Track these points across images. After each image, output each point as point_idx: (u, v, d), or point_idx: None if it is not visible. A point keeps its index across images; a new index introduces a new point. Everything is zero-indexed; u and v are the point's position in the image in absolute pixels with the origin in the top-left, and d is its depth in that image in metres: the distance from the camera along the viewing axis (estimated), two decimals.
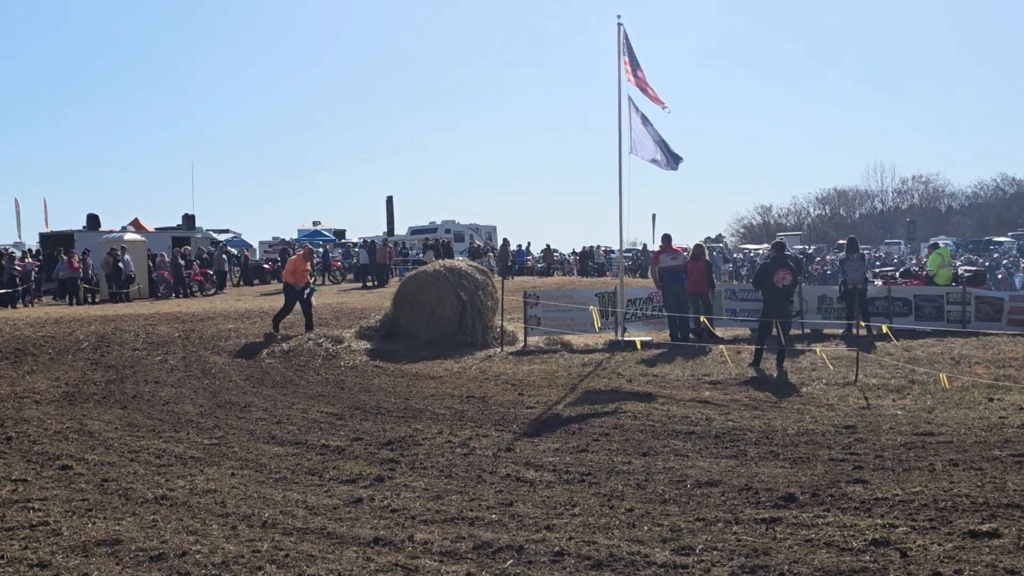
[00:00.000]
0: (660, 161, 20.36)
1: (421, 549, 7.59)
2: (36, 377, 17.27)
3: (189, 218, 51.34)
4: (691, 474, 9.86)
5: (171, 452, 11.48)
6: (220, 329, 23.22)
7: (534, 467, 10.40)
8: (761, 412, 13.28)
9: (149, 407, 14.58)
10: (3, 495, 9.46)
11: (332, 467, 10.58)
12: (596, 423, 12.75)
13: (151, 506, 9.05)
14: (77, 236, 42.25)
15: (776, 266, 17.87)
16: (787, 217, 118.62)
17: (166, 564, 7.28)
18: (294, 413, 13.89)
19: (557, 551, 7.41)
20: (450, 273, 21.95)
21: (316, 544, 7.78)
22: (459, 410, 13.94)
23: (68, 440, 12.23)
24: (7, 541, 7.92)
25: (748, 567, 6.95)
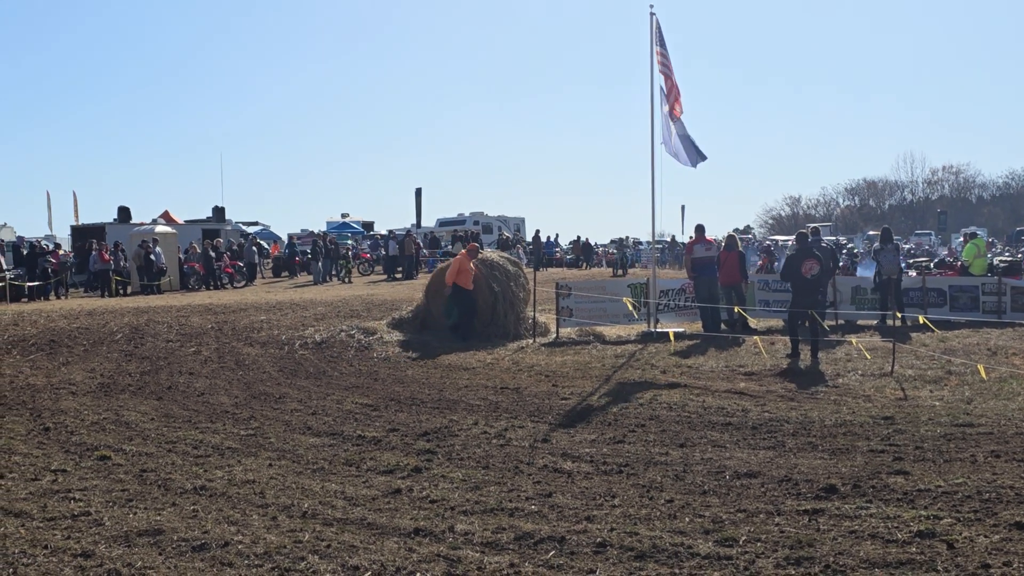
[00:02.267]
0: (680, 157, 20.29)
1: (462, 540, 7.57)
2: (71, 368, 17.36)
3: (219, 210, 51.52)
4: (730, 465, 9.81)
5: (208, 443, 11.52)
6: (252, 321, 23.31)
7: (571, 458, 10.37)
8: (797, 403, 13.20)
9: (184, 398, 14.62)
10: (44, 485, 9.50)
11: (369, 458, 10.58)
12: (632, 414, 12.70)
13: (191, 496, 9.08)
14: (108, 229, 42.50)
15: (803, 257, 17.76)
16: (816, 208, 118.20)
17: (208, 554, 7.29)
18: (329, 404, 13.90)
19: (599, 542, 7.38)
20: (481, 264, 21.92)
21: (357, 535, 7.78)
22: (494, 401, 13.92)
23: (105, 431, 12.28)
24: (50, 531, 7.96)
25: (793, 559, 6.90)
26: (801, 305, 17.38)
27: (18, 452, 11.04)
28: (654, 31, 20.19)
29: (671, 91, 20.20)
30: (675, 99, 20.19)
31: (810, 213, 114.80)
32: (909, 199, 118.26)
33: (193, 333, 21.27)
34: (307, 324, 22.88)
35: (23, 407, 13.83)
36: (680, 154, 20.27)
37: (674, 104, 20.15)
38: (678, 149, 20.26)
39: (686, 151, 20.31)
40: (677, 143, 20.23)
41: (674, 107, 20.21)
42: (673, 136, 20.21)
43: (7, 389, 15.27)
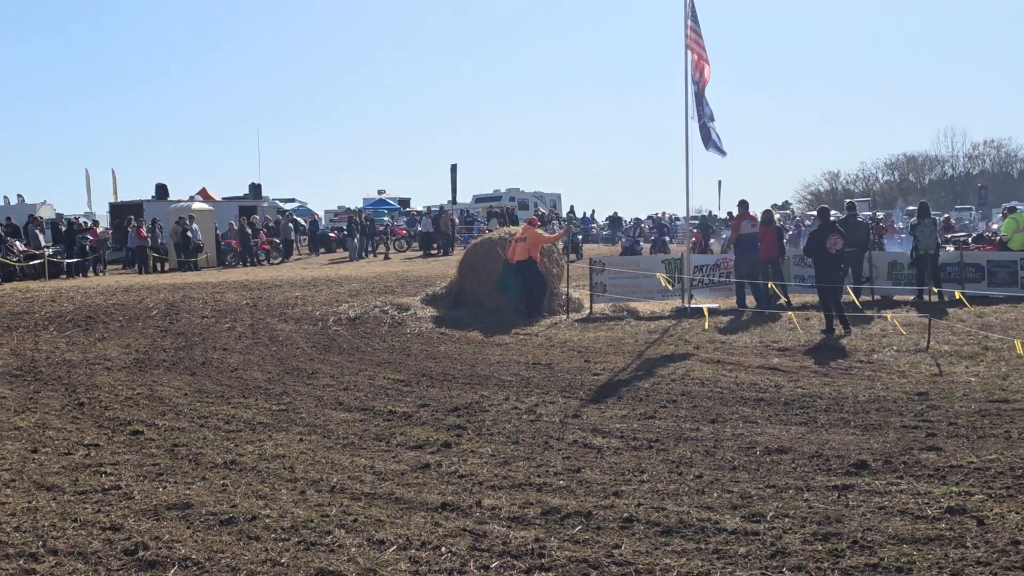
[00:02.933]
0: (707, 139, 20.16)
1: (489, 514, 7.57)
2: (107, 344, 17.49)
3: (256, 187, 51.71)
4: (760, 441, 9.75)
5: (240, 418, 11.57)
6: (287, 297, 23.42)
7: (601, 433, 10.34)
8: (831, 379, 13.10)
9: (218, 373, 14.70)
10: (76, 459, 9.58)
11: (399, 433, 10.60)
12: (663, 390, 12.65)
13: (221, 471, 9.13)
14: (146, 206, 42.76)
15: (827, 232, 17.62)
16: (855, 183, 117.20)
17: (236, 528, 7.33)
18: (361, 379, 13.93)
19: (626, 517, 7.35)
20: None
21: (384, 509, 7.79)
22: (525, 377, 13.90)
23: (139, 406, 12.37)
24: (81, 504, 8.02)
25: (820, 534, 6.85)
26: (827, 280, 17.26)
27: (52, 427, 11.14)
28: (687, 5, 20.02)
29: (697, 66, 20.02)
30: (702, 73, 20.00)
31: (849, 188, 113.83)
32: (950, 174, 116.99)
33: (228, 309, 21.40)
34: (341, 300, 22.97)
35: (58, 382, 13.95)
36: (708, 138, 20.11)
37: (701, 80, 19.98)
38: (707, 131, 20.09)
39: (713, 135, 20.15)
40: (706, 124, 20.06)
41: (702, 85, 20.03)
42: (703, 115, 20.04)
43: (43, 364, 15.41)
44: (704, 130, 20.08)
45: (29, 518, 7.61)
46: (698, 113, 20.05)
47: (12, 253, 32.13)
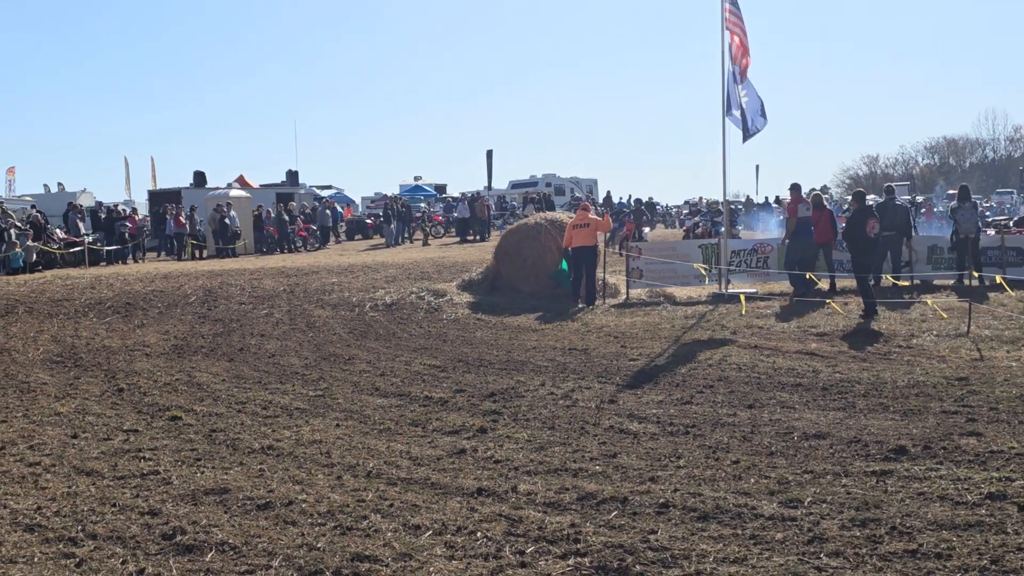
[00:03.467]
0: (737, 120, 19.96)
1: (525, 500, 7.57)
2: (146, 330, 17.62)
3: (293, 174, 51.87)
4: (798, 426, 9.68)
5: (277, 403, 11.63)
6: (324, 283, 23.50)
7: (637, 419, 10.31)
8: (869, 364, 12.99)
9: (255, 359, 14.78)
10: (115, 445, 9.66)
11: (435, 418, 10.61)
12: (700, 375, 12.60)
13: (258, 456, 9.18)
14: (184, 193, 43.01)
15: (865, 216, 17.47)
16: (895, 167, 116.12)
17: (273, 512, 7.37)
18: (397, 365, 13.96)
19: (662, 503, 7.33)
20: (551, 226, 21.86)
21: (420, 494, 7.81)
22: (561, 362, 13.88)
23: (177, 392, 12.46)
24: (120, 489, 8.09)
25: (859, 520, 6.79)
26: (863, 265, 17.12)
27: (92, 412, 11.24)
28: None
29: (738, 50, 19.85)
30: (742, 58, 19.84)
31: (888, 172, 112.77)
32: (991, 157, 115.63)
33: (265, 296, 21.51)
34: (378, 286, 23.03)
35: (98, 368, 14.08)
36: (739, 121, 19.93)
37: (742, 63, 19.81)
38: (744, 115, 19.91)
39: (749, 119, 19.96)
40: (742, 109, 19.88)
41: (743, 68, 19.87)
42: (740, 99, 19.87)
43: (83, 351, 15.55)
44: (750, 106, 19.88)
45: (69, 503, 7.68)
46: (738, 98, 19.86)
47: (53, 241, 32.41)
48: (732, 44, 19.90)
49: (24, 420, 10.89)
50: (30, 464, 8.94)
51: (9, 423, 10.73)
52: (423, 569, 6.13)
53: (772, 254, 21.79)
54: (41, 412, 11.29)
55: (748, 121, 19.92)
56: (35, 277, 27.00)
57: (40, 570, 6.21)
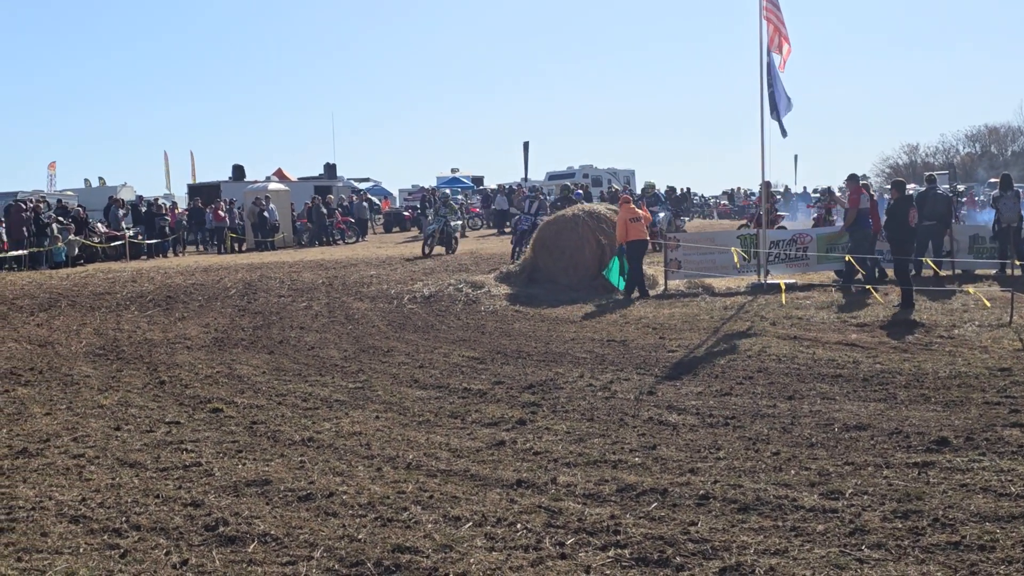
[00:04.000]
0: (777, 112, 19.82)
1: (564, 491, 7.58)
2: (187, 323, 17.76)
3: (331, 167, 52.01)
4: (839, 418, 9.63)
5: (317, 395, 11.69)
6: (362, 276, 23.59)
7: (677, 410, 10.29)
8: (911, 355, 12.89)
9: (295, 352, 14.86)
10: (158, 437, 9.75)
11: (474, 410, 10.64)
12: (739, 366, 12.55)
13: (299, 448, 9.23)
14: (223, 187, 43.26)
15: (906, 206, 17.34)
16: (935, 156, 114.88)
17: (314, 504, 7.42)
18: (436, 357, 13.99)
19: (702, 494, 7.32)
20: (589, 217, 21.84)
21: (460, 486, 7.84)
22: (600, 354, 13.86)
23: (218, 384, 12.55)
24: (163, 481, 8.17)
25: (900, 512, 6.76)
26: (906, 254, 16.98)
27: (134, 404, 11.35)
28: None
29: (774, 39, 19.71)
30: (780, 48, 19.69)
31: (928, 161, 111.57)
32: None
33: (304, 288, 21.61)
34: (416, 278, 23.09)
35: (140, 361, 14.20)
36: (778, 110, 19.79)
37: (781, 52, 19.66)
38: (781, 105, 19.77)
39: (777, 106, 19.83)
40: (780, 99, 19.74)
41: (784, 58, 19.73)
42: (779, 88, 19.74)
43: (125, 344, 15.69)
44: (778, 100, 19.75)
45: (113, 494, 7.76)
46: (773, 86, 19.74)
47: (94, 235, 32.71)
48: (769, 33, 19.76)
49: (68, 412, 11.01)
50: (75, 456, 9.04)
51: (54, 415, 10.85)
52: (463, 560, 6.15)
53: (811, 244, 21.64)
54: (85, 404, 11.41)
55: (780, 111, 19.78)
56: (77, 271, 27.26)
57: (85, 561, 6.28)
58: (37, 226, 29.50)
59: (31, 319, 17.90)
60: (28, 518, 7.17)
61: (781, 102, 19.84)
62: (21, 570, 6.10)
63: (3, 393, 12.08)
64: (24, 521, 7.10)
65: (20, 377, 13.09)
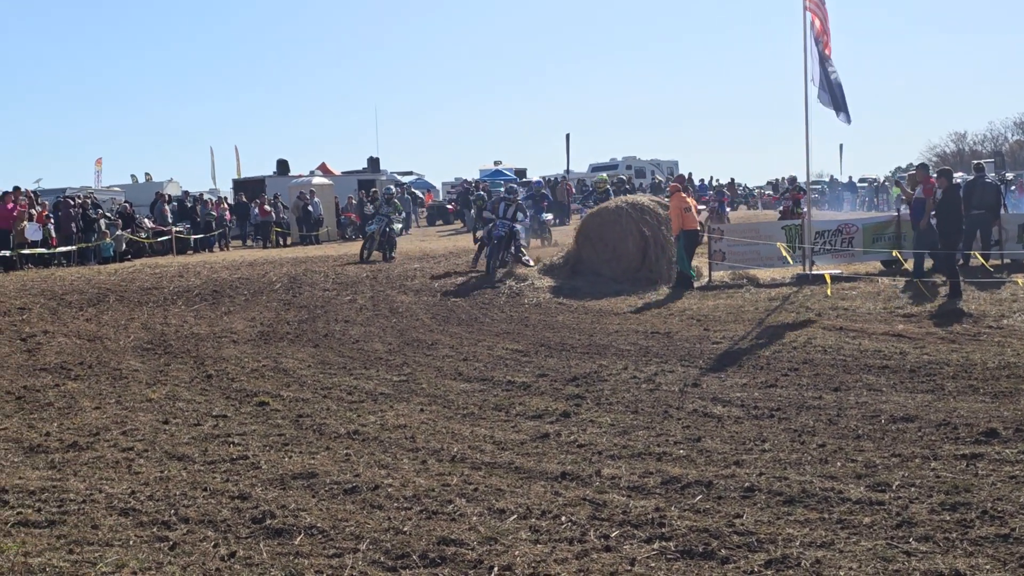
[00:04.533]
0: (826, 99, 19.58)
1: (609, 484, 7.58)
2: (233, 317, 17.89)
3: (374, 161, 52.14)
4: (885, 409, 9.56)
5: (362, 389, 11.75)
6: (406, 269, 23.64)
7: (721, 402, 10.25)
8: (959, 345, 12.76)
9: (340, 345, 14.94)
10: (205, 430, 9.84)
11: (518, 403, 10.65)
12: (785, 358, 12.49)
13: (344, 441, 9.29)
14: (268, 181, 43.50)
15: (956, 195, 17.17)
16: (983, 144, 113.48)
17: (359, 496, 7.46)
18: (480, 350, 14.02)
19: (747, 487, 7.29)
20: (632, 209, 21.75)
21: (504, 478, 7.86)
22: (644, 346, 13.84)
23: (264, 377, 12.65)
24: (210, 474, 8.25)
25: (948, 504, 6.70)
26: (953, 244, 16.81)
27: (182, 398, 11.46)
28: None
29: (820, 30, 19.53)
30: (824, 40, 19.50)
31: (976, 149, 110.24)
32: None
33: (349, 282, 21.69)
34: (460, 271, 23.10)
35: (187, 355, 14.33)
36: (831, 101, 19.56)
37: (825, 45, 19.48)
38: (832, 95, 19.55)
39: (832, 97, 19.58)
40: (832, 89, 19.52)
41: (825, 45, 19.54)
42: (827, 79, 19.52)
43: (173, 338, 15.84)
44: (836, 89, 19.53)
45: (162, 487, 7.85)
46: (823, 75, 19.53)
47: (141, 230, 33.02)
48: (814, 25, 19.59)
49: (117, 406, 11.13)
50: (124, 449, 9.14)
51: (103, 409, 10.98)
52: (508, 553, 6.17)
53: (857, 234, 21.45)
54: (133, 398, 11.53)
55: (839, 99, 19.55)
56: (125, 266, 27.52)
57: (135, 553, 6.35)
58: (85, 222, 29.80)
59: (80, 314, 18.09)
60: (79, 511, 7.26)
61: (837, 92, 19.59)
62: (72, 562, 6.18)
63: (54, 387, 12.24)
64: (75, 514, 7.20)
65: (70, 371, 13.26)
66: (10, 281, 21.36)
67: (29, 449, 9.24)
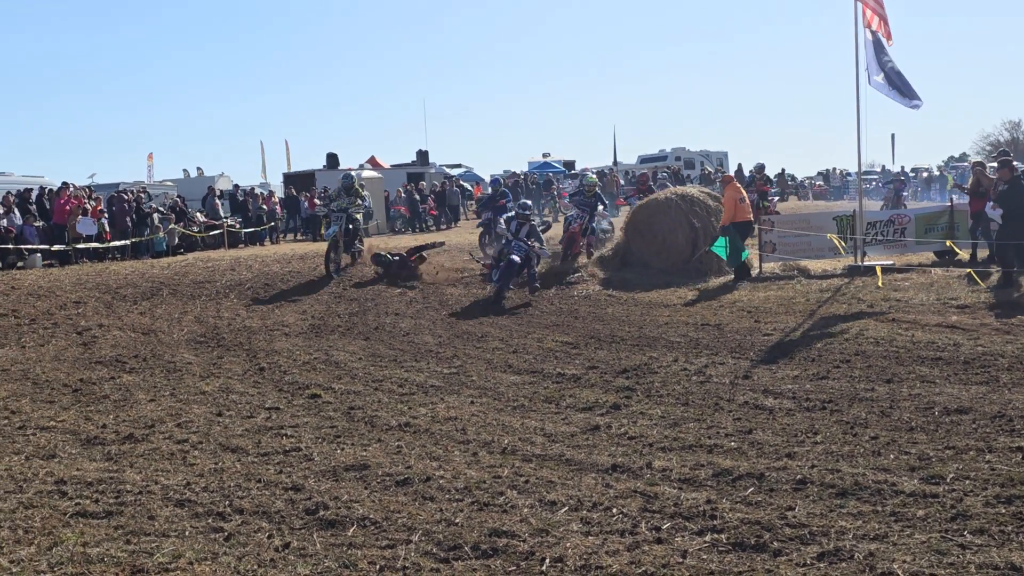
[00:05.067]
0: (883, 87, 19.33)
1: (660, 476, 7.58)
2: (284, 310, 18.02)
3: (423, 154, 52.26)
4: (939, 401, 9.48)
5: (413, 381, 11.82)
6: (455, 262, 23.66)
7: (773, 394, 10.21)
8: (1014, 336, 12.61)
9: (390, 338, 15.02)
10: (258, 422, 9.95)
11: (569, 395, 10.67)
12: (836, 349, 12.40)
13: (395, 433, 9.36)
14: (318, 175, 43.70)
15: (1020, 184, 16.90)
16: None
17: (411, 488, 7.52)
18: (529, 342, 14.05)
19: (799, 479, 7.27)
20: (682, 200, 21.67)
21: (555, 470, 7.88)
22: (694, 338, 13.80)
23: (316, 370, 12.75)
24: (264, 465, 8.34)
25: (1003, 497, 6.64)
26: (1012, 235, 16.57)
27: (235, 391, 11.58)
28: None
29: (875, 15, 19.32)
30: (880, 24, 19.29)
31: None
32: None
33: None
34: None
35: (240, 348, 14.47)
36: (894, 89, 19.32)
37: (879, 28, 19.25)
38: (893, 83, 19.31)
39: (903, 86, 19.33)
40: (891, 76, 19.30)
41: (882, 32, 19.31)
42: (884, 66, 19.30)
43: (225, 331, 15.99)
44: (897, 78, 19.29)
45: (216, 478, 7.94)
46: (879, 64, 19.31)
47: (193, 224, 33.33)
48: (864, 14, 19.37)
49: (172, 399, 11.27)
50: (179, 441, 9.26)
51: (158, 402, 11.12)
52: (560, 545, 6.19)
53: (909, 225, 21.23)
54: (187, 391, 11.67)
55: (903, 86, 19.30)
56: (177, 259, 27.75)
57: (191, 543, 6.44)
58: (138, 216, 30.13)
59: (134, 307, 18.30)
60: (135, 502, 7.37)
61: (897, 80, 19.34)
62: (130, 552, 6.28)
63: (109, 380, 12.41)
64: (132, 505, 7.31)
65: (125, 364, 13.43)
66: (66, 275, 21.61)
67: (86, 441, 9.39)
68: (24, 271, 22.72)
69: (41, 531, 6.74)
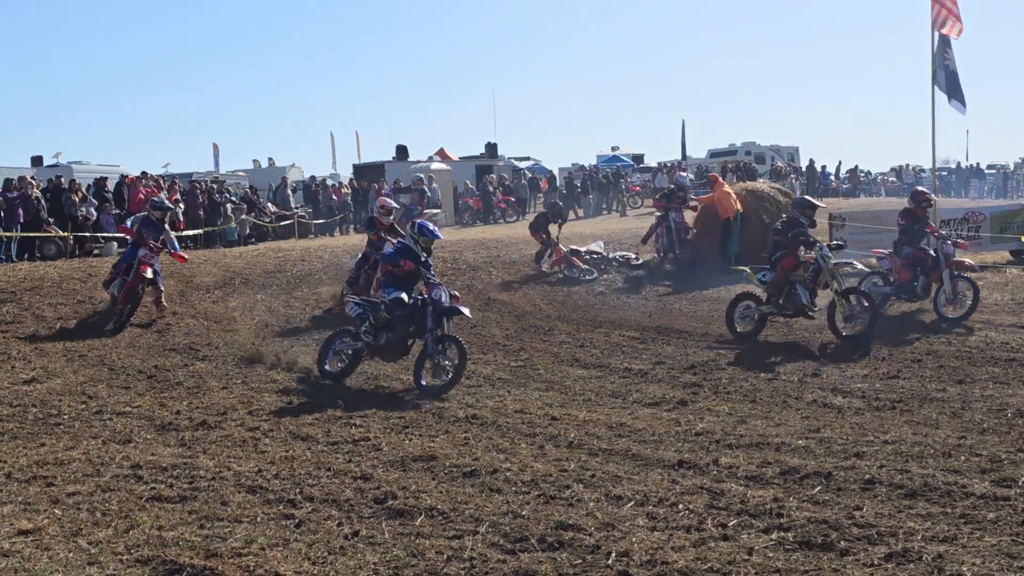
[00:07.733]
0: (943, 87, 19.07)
1: (726, 473, 7.57)
2: None
3: (491, 147, 52.28)
4: (1012, 403, 9.36)
5: (480, 373, 11.88)
6: (522, 255, 23.69)
7: (842, 393, 10.15)
8: None
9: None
10: (329, 412, 10.07)
11: (635, 390, 10.68)
12: (907, 349, 12.28)
13: (463, 425, 9.43)
14: (387, 167, 43.93)
15: None
16: None
17: (478, 480, 7.58)
18: (596, 336, 14.06)
19: (868, 479, 7.22)
20: (751, 196, 21.51)
21: (621, 465, 7.90)
22: (763, 334, 13.71)
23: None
24: (333, 455, 8.45)
25: None
26: None
27: (305, 380, 11.74)
28: None
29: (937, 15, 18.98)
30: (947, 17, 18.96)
31: None
32: None
33: (465, 268, 21.83)
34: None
35: (309, 338, 14.60)
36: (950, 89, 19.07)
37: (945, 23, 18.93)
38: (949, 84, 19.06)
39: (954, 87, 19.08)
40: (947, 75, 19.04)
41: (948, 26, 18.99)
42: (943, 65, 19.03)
43: (296, 320, 16.15)
44: (951, 78, 19.06)
45: (287, 467, 8.07)
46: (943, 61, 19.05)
47: (264, 214, 33.66)
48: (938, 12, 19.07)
49: (243, 387, 11.45)
50: (250, 429, 9.41)
51: (230, 389, 11.31)
52: (625, 539, 6.21)
53: (984, 223, 20.91)
54: (259, 379, 11.83)
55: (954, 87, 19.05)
56: (249, 249, 28.04)
57: (263, 529, 6.55)
58: (211, 206, 30.50)
59: (207, 296, 18.53)
60: (209, 487, 7.52)
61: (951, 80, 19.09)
62: (204, 536, 6.41)
63: (183, 367, 12.62)
64: (205, 490, 7.45)
65: (198, 352, 13.65)
66: None
67: (161, 427, 9.57)
68: (100, 259, 23.08)
69: (118, 514, 6.89)
